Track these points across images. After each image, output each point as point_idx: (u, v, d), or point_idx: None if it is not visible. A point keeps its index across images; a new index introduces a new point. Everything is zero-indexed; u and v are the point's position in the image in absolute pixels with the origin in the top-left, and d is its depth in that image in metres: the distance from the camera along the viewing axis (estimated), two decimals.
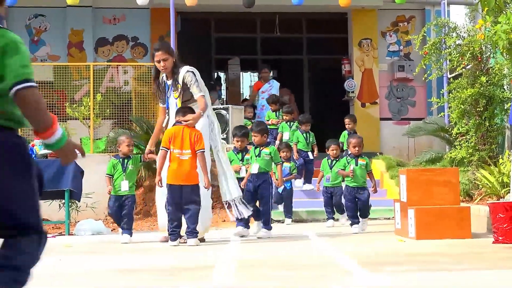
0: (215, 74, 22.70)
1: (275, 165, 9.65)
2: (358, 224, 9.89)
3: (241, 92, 23.92)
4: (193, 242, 8.39)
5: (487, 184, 10.03)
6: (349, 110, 18.27)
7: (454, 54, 11.61)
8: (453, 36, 11.79)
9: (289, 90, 19.10)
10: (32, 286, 3.30)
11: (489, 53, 11.55)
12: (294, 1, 16.02)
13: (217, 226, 11.09)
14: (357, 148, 10.02)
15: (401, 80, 18.15)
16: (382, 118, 18.07)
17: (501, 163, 10.20)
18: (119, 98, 16.02)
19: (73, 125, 14.61)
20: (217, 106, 16.13)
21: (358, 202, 9.89)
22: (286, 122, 14.06)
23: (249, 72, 26.97)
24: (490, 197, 9.96)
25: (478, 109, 11.33)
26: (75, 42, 17.18)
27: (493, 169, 10.07)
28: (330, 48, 20.45)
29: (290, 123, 13.98)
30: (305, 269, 6.20)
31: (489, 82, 11.34)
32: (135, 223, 11.46)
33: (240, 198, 9.09)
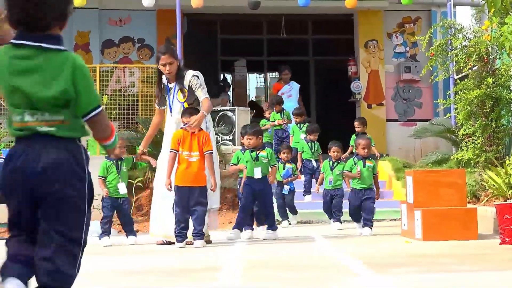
0: (221, 75, 22.71)
1: (270, 167, 9.41)
2: (359, 225, 9.80)
3: (247, 93, 23.94)
4: (199, 243, 8.40)
5: (494, 185, 10.00)
6: (355, 111, 18.27)
7: (460, 56, 11.58)
8: (459, 37, 11.76)
9: None
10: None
11: (495, 54, 11.52)
12: (300, 2, 16.02)
13: (223, 228, 11.08)
14: (366, 149, 9.86)
15: (407, 81, 18.15)
16: (388, 120, 18.06)
17: (507, 164, 10.16)
18: (125, 100, 16.02)
19: None
20: (222, 108, 16.14)
21: (363, 204, 9.67)
22: (296, 124, 13.95)
23: (255, 73, 26.97)
24: (496, 198, 9.93)
25: (484, 110, 11.30)
26: (81, 44, 17.21)
27: (499, 170, 10.04)
28: (336, 49, 20.46)
29: (300, 125, 13.86)
30: (310, 270, 6.19)
31: (495, 83, 11.31)
32: (141, 225, 11.46)
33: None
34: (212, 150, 8.68)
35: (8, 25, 3.37)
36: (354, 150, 10.85)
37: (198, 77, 8.88)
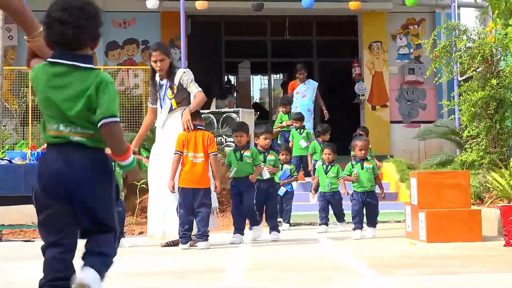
0: (225, 77, 22.72)
1: (254, 166, 9.18)
2: (360, 230, 9.43)
3: (251, 95, 23.95)
4: (203, 245, 8.39)
5: (498, 187, 9.98)
6: (359, 113, 18.27)
7: (464, 57, 11.58)
8: (463, 38, 11.75)
9: None
10: None
11: (499, 55, 11.51)
12: (304, 4, 16.03)
13: (227, 230, 11.08)
14: (363, 151, 9.61)
15: (411, 83, 18.15)
16: (392, 121, 18.06)
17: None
18: (130, 102, 16.03)
19: None
20: (226, 110, 16.14)
21: (366, 207, 9.45)
22: (296, 129, 13.70)
23: (259, 75, 26.99)
24: (501, 200, 9.92)
25: (488, 111, 11.29)
26: None
27: (504, 172, 10.03)
28: (340, 51, 20.47)
29: (300, 130, 13.63)
30: (314, 271, 6.19)
31: (499, 84, 11.30)
32: (145, 227, 11.47)
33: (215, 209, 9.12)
34: (217, 152, 8.71)
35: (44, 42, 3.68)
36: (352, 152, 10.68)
37: (188, 73, 8.99)
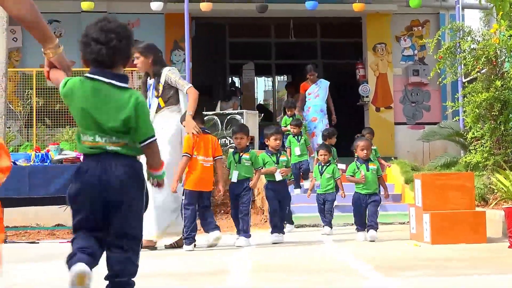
0: (230, 79, 22.73)
1: (254, 170, 9.11)
2: (363, 231, 9.29)
3: (255, 97, 23.94)
4: (216, 235, 8.56)
5: (503, 188, 9.97)
6: (363, 114, 18.26)
7: (468, 58, 11.56)
8: (467, 40, 11.74)
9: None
10: None
11: (504, 57, 11.50)
12: (308, 5, 16.04)
13: (231, 232, 11.08)
14: (365, 151, 9.43)
15: (415, 84, 18.13)
16: (396, 123, 18.05)
17: None
18: None
19: None
20: (230, 111, 16.15)
21: (367, 207, 9.29)
22: (294, 136, 12.97)
23: (263, 77, 26.98)
24: (505, 201, 9.91)
25: (493, 113, 11.27)
26: None
27: (508, 173, 10.02)
28: (344, 52, 20.46)
29: (298, 137, 12.96)
30: (319, 273, 6.19)
31: (504, 86, 11.28)
32: None
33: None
34: (222, 156, 8.80)
35: (61, 49, 3.95)
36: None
37: (173, 71, 8.96)
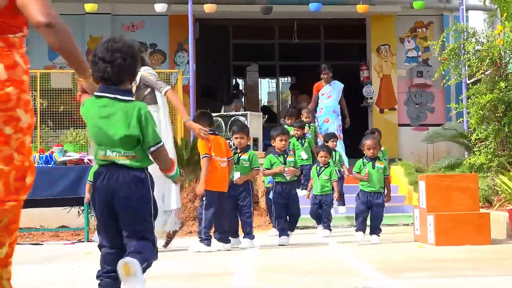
0: (234, 80, 22.74)
1: (251, 169, 9.09)
2: (363, 231, 9.10)
3: (259, 98, 23.93)
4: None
5: (507, 190, 9.97)
6: (367, 116, 18.26)
7: (473, 60, 11.56)
8: (472, 41, 11.74)
9: (307, 96, 19.09)
10: None
11: (508, 58, 11.49)
12: (312, 7, 16.04)
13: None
14: (371, 150, 9.22)
15: (419, 86, 18.12)
16: (400, 124, 18.04)
17: None
18: None
19: None
20: (235, 113, 16.15)
21: (371, 210, 9.12)
22: (297, 139, 12.81)
23: (267, 78, 26.98)
24: (509, 203, 9.90)
25: (497, 114, 11.27)
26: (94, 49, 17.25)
27: None
28: (348, 54, 20.46)
29: (301, 140, 12.83)
30: (323, 274, 6.19)
31: (508, 87, 11.27)
32: None
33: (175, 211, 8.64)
34: (233, 157, 8.84)
35: (91, 78, 4.23)
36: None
37: (149, 70, 8.37)
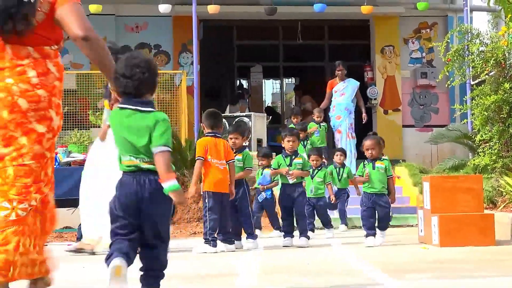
0: (238, 81, 22.74)
1: (243, 169, 9.09)
2: (373, 236, 8.97)
3: (263, 99, 23.93)
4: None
5: (511, 191, 9.96)
6: (371, 117, 18.25)
7: (477, 61, 11.56)
8: (476, 42, 11.74)
9: (310, 97, 19.14)
10: None
11: None
12: (316, 8, 16.04)
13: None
14: (370, 150, 9.06)
15: (423, 87, 18.11)
16: (404, 125, 18.04)
17: None
18: None
19: (96, 133, 14.65)
20: (239, 114, 16.16)
21: (377, 210, 9.02)
22: (300, 141, 12.13)
23: (271, 79, 26.97)
24: None
25: (501, 115, 11.26)
26: None
27: None
28: (352, 55, 20.45)
29: (304, 142, 12.79)
30: (327, 276, 6.19)
31: None
32: None
33: None
34: (234, 160, 8.81)
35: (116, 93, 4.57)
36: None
37: None
